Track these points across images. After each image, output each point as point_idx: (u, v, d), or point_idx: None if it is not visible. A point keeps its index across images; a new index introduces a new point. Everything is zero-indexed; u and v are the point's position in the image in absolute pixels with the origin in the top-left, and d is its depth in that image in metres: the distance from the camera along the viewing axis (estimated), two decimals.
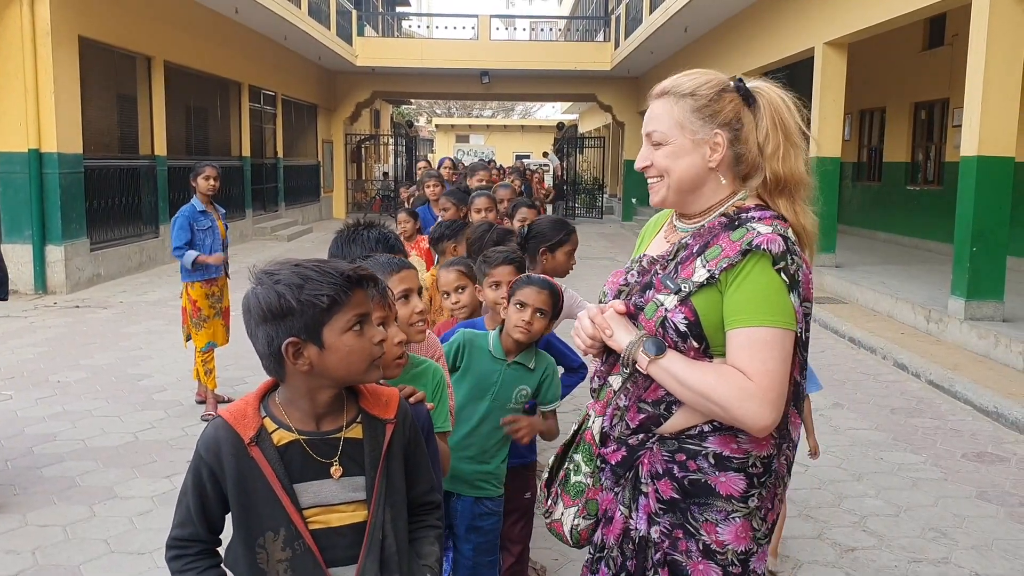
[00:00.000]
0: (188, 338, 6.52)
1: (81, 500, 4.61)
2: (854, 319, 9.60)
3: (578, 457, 2.08)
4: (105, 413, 6.13)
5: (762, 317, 1.81)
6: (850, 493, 4.91)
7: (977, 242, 8.23)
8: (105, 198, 12.33)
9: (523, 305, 2.91)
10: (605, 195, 30.85)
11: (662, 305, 1.88)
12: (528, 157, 43.86)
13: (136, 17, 13.04)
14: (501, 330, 2.99)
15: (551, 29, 33.58)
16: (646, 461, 1.94)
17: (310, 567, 1.70)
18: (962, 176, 8.48)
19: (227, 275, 6.59)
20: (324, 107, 25.63)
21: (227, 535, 1.79)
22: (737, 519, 1.89)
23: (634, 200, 25.69)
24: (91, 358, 7.69)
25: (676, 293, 1.87)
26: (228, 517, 1.77)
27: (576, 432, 2.11)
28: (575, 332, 2.03)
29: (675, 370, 1.84)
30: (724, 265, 1.83)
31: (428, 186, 7.79)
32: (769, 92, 1.99)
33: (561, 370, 3.32)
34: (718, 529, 1.89)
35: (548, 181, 26.46)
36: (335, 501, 1.73)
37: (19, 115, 10.69)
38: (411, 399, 2.11)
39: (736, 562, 1.90)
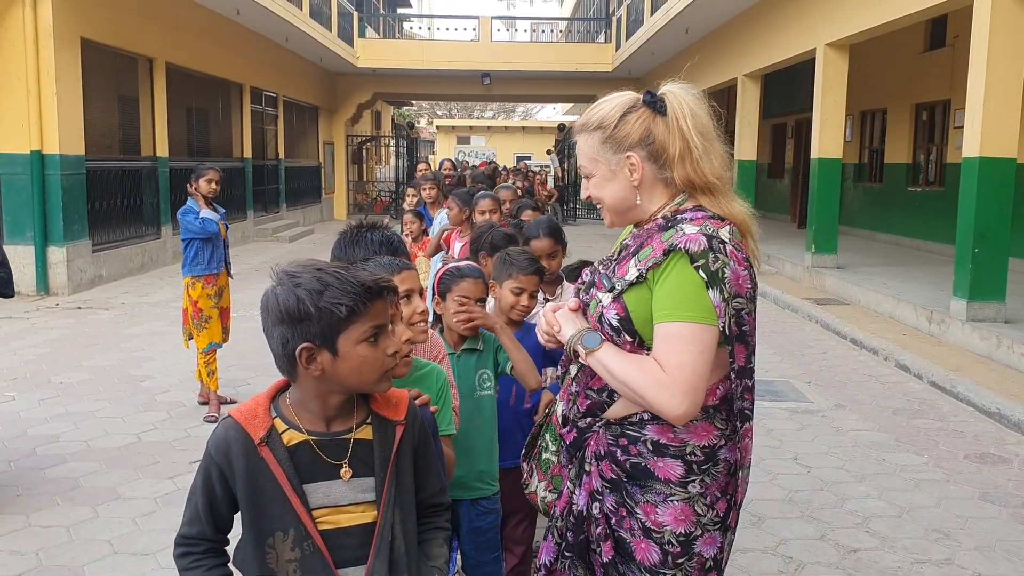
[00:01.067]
0: (190, 338, 6.53)
1: (84, 501, 4.62)
2: (856, 320, 9.59)
3: (547, 436, 2.31)
4: (108, 414, 6.14)
5: (679, 313, 1.90)
6: (853, 494, 4.91)
7: (979, 243, 8.23)
8: (107, 199, 12.34)
9: (463, 299, 2.92)
10: None
11: (600, 302, 2.03)
12: (529, 158, 43.90)
13: (138, 19, 13.05)
14: (442, 330, 3.00)
15: (552, 30, 33.59)
16: (592, 443, 2.09)
17: (319, 567, 1.71)
18: (964, 177, 8.48)
19: (229, 274, 6.60)
20: (325, 108, 25.64)
21: (236, 535, 1.80)
22: (676, 502, 2.00)
23: None
24: (93, 359, 7.69)
25: (610, 291, 2.01)
26: (237, 517, 1.78)
27: (547, 414, 2.33)
28: (537, 328, 2.20)
29: (606, 361, 1.97)
30: (651, 264, 1.95)
31: (424, 189, 8.04)
32: (672, 99, 2.04)
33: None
34: (657, 510, 2.00)
35: (550, 182, 26.49)
36: (345, 502, 1.74)
37: (21, 116, 10.70)
38: (416, 402, 2.12)
39: (675, 542, 2.00)
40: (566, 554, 2.14)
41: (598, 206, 2.16)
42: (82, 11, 11.41)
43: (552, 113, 55.92)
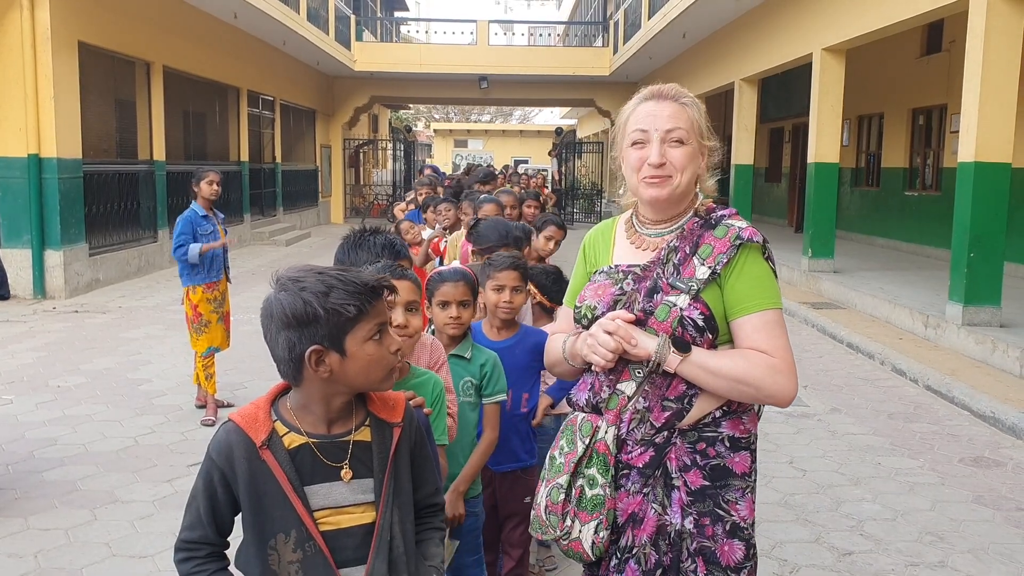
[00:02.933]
0: None
1: (82, 504, 4.63)
2: (852, 324, 9.62)
3: (591, 471, 2.08)
4: (105, 417, 6.15)
5: (767, 301, 2.01)
6: (848, 497, 4.93)
7: (974, 248, 8.26)
8: (104, 203, 12.35)
9: (445, 303, 2.92)
10: (603, 200, 30.88)
11: (675, 305, 2.01)
12: (527, 162, 43.92)
13: (135, 23, 13.07)
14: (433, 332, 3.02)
15: (550, 34, 33.67)
16: (673, 457, 2.05)
17: (321, 568, 1.73)
18: (959, 182, 8.51)
19: (228, 279, 6.62)
20: (322, 112, 25.66)
21: (236, 537, 1.81)
22: (749, 494, 2.08)
23: None
24: (91, 363, 7.70)
25: (687, 292, 2.01)
26: (237, 519, 1.79)
27: (585, 450, 2.09)
28: (592, 349, 2.05)
29: (707, 363, 1.98)
30: (723, 260, 2.00)
31: (421, 193, 8.33)
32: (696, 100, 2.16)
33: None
34: (738, 506, 2.05)
35: (548, 187, 26.52)
36: (345, 503, 1.76)
37: (19, 120, 10.71)
38: (412, 403, 2.14)
39: (751, 532, 2.07)
40: None
41: (655, 176, 2.05)
42: (80, 15, 11.43)
43: (550, 117, 55.98)
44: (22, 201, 10.83)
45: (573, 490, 2.09)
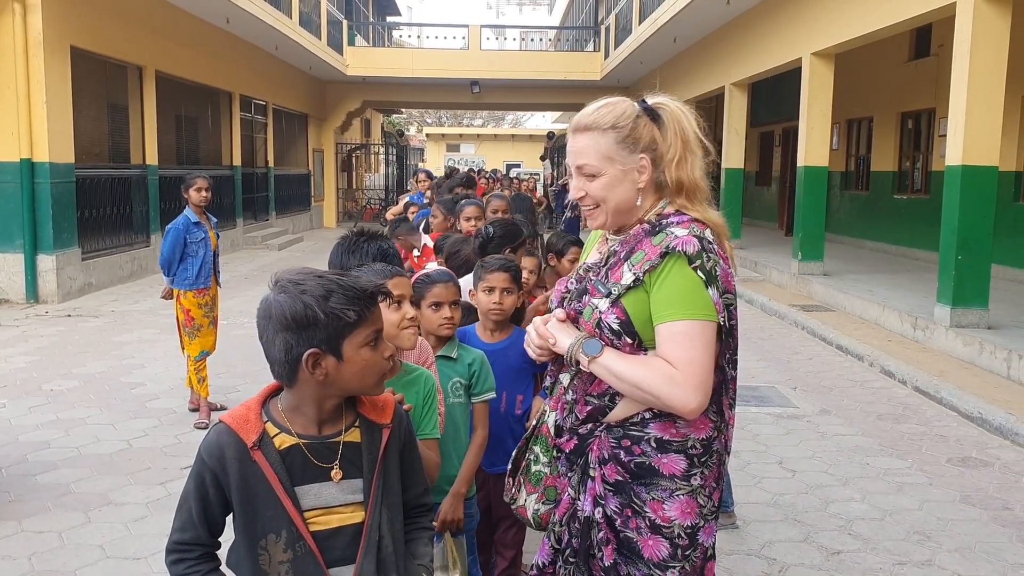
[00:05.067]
0: None
1: (76, 507, 4.65)
2: (842, 326, 9.69)
3: (537, 448, 2.28)
4: (98, 421, 6.16)
5: (683, 312, 2.00)
6: (836, 497, 4.98)
7: (962, 250, 8.33)
8: (96, 207, 12.35)
9: (438, 304, 2.94)
10: None
11: (596, 308, 2.08)
12: (519, 166, 43.96)
13: (128, 27, 13.08)
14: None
15: (541, 39, 33.71)
16: (595, 448, 2.13)
17: (311, 568, 1.75)
18: (947, 185, 8.58)
19: (218, 284, 6.65)
20: (315, 116, 25.67)
21: (227, 538, 1.84)
22: (681, 496, 2.07)
23: None
24: (84, 367, 7.71)
25: (607, 296, 2.06)
26: (228, 520, 1.82)
27: (535, 426, 2.31)
28: (526, 343, 2.22)
29: (611, 366, 2.03)
30: (647, 267, 2.02)
31: (419, 180, 8.74)
32: (670, 105, 2.16)
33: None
34: (664, 506, 2.07)
35: (540, 191, 26.56)
36: (335, 503, 1.79)
37: (11, 125, 10.71)
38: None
39: (683, 535, 2.07)
40: (570, 560, 2.18)
41: (586, 207, 2.16)
42: (72, 20, 11.44)
43: (541, 121, 56.00)
44: (14, 205, 10.83)
45: (522, 462, 2.33)
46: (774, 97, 20.05)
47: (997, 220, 8.64)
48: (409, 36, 38.91)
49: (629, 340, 2.04)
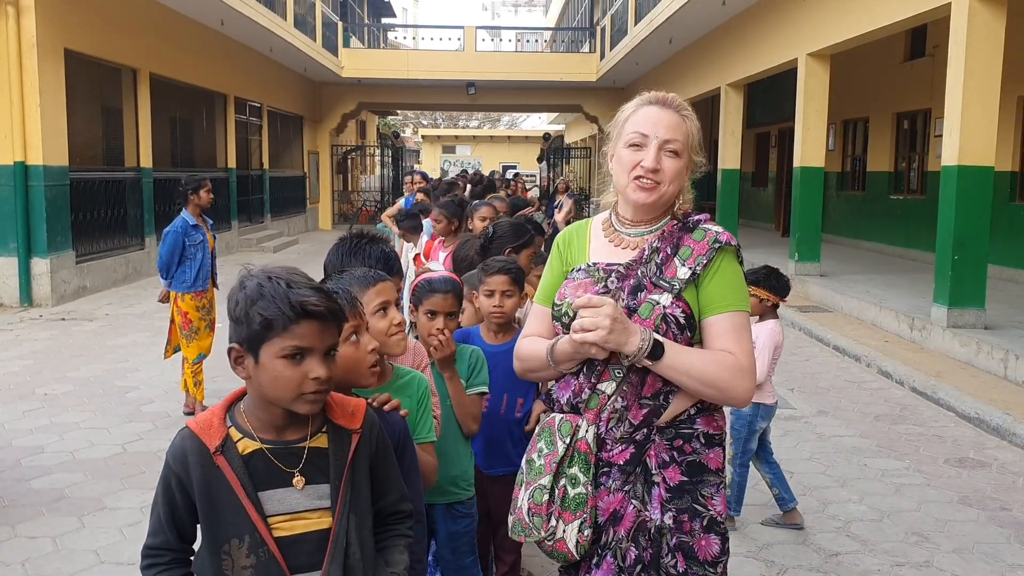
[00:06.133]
0: (177, 349, 6.55)
1: (70, 512, 4.62)
2: (838, 327, 9.68)
3: (573, 470, 2.09)
4: (93, 425, 6.13)
5: (738, 303, 2.10)
6: (834, 499, 4.96)
7: (959, 251, 8.33)
8: (91, 210, 12.30)
9: (433, 313, 2.89)
10: (591, 205, 30.96)
11: (658, 303, 2.07)
12: (515, 167, 43.97)
13: (122, 30, 13.05)
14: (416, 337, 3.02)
15: (537, 40, 33.70)
16: (652, 454, 2.10)
17: (274, 574, 1.74)
18: (943, 186, 8.58)
19: (216, 286, 6.62)
20: (310, 118, 25.64)
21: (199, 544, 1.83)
22: (722, 488, 2.14)
23: None
24: (78, 370, 7.68)
25: (671, 291, 2.08)
26: None
27: (567, 448, 2.10)
28: (579, 331, 2.01)
29: (682, 361, 2.03)
30: (703, 262, 2.09)
31: (415, 182, 8.62)
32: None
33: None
34: (713, 501, 2.11)
35: (535, 192, 26.57)
36: (299, 508, 1.77)
37: (5, 128, 10.67)
38: (386, 407, 2.14)
39: (725, 527, 2.13)
40: (640, 575, 2.09)
41: (646, 180, 2.09)
42: (66, 22, 11.40)
43: (537, 122, 56.01)
44: (8, 209, 10.78)
45: (556, 491, 2.10)
46: (770, 98, 20.05)
47: (993, 220, 8.64)
48: (404, 38, 38.91)
49: (689, 334, 2.08)
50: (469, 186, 12.98)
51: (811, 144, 12.41)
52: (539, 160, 33.33)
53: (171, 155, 15.67)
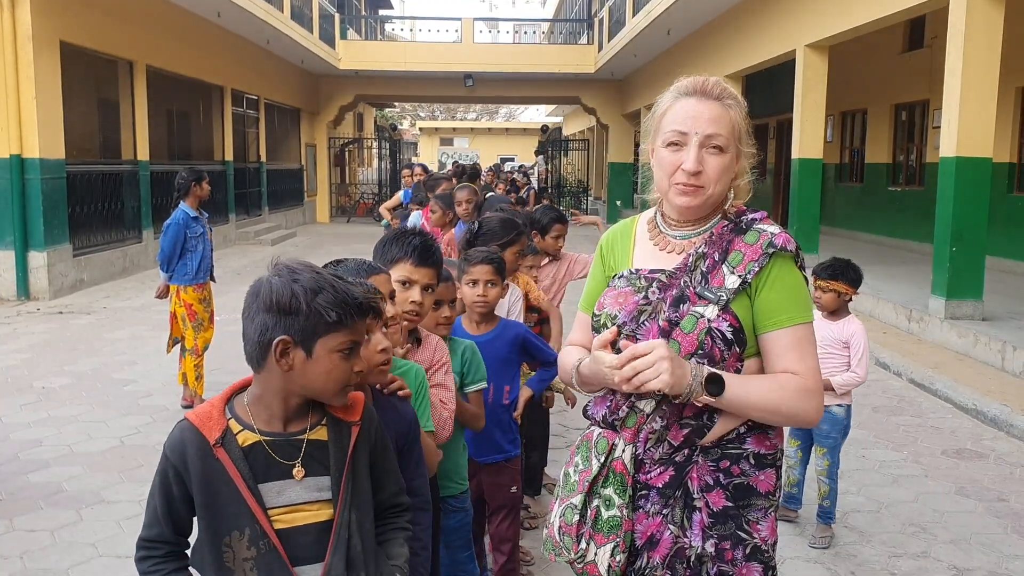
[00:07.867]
0: (177, 343, 6.54)
1: (68, 505, 4.62)
2: None
3: (608, 491, 1.94)
4: (91, 418, 6.12)
5: (800, 315, 1.89)
6: None
7: (956, 242, 8.33)
8: (88, 203, 12.28)
9: (439, 303, 2.89)
10: (589, 198, 30.95)
11: (703, 316, 1.87)
12: (513, 159, 43.94)
13: (118, 22, 13.00)
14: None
15: (535, 32, 33.69)
16: (695, 476, 1.93)
17: (275, 565, 1.74)
18: (941, 177, 8.58)
19: (213, 279, 6.62)
20: (307, 111, 25.59)
21: (196, 537, 1.82)
22: (771, 513, 1.96)
23: (618, 202, 25.77)
24: (75, 364, 7.67)
25: (716, 303, 1.87)
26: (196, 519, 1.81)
27: (601, 467, 1.95)
28: (606, 371, 1.84)
29: (741, 398, 1.84)
30: (755, 269, 1.88)
31: (415, 174, 8.69)
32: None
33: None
34: (759, 527, 1.93)
35: (534, 183, 26.55)
36: (300, 500, 1.77)
37: (0, 120, 10.64)
38: (400, 394, 2.16)
39: (772, 554, 1.96)
40: None
41: (689, 184, 1.89)
42: (62, 14, 11.36)
43: (535, 115, 55.98)
44: (5, 202, 10.75)
45: (588, 511, 1.94)
46: (768, 89, 20.00)
47: (991, 211, 8.64)
48: (402, 29, 38.87)
49: (738, 349, 1.87)
50: (455, 179, 13.07)
51: (809, 136, 12.39)
52: (537, 153, 33.27)
53: (168, 148, 15.64)
